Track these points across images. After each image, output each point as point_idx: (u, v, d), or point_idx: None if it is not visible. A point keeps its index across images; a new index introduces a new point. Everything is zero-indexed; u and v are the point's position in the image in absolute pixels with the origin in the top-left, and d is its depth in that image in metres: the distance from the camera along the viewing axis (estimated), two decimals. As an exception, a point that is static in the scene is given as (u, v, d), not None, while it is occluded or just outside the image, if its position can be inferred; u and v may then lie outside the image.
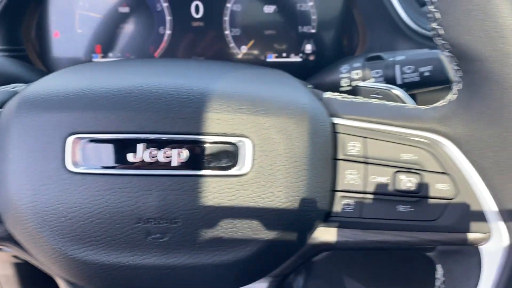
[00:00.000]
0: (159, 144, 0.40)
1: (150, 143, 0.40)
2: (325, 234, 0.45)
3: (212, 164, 0.40)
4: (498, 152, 0.41)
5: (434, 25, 0.42)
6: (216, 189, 0.40)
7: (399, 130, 0.44)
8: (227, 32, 0.80)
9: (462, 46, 0.41)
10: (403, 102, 0.49)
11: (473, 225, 0.43)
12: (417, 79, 0.56)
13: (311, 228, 0.43)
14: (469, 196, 0.43)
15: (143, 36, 0.80)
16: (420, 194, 0.43)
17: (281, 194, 0.41)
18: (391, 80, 0.57)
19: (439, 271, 0.46)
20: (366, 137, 0.44)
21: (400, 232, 0.44)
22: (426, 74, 0.55)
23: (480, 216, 0.43)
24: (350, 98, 0.47)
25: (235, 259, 0.41)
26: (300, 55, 0.82)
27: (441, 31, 0.41)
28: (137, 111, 0.40)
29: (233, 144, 0.40)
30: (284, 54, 0.82)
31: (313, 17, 0.81)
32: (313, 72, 0.75)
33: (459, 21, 0.40)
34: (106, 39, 0.79)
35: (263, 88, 0.44)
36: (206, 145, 0.40)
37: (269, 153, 0.41)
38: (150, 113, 0.40)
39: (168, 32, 0.79)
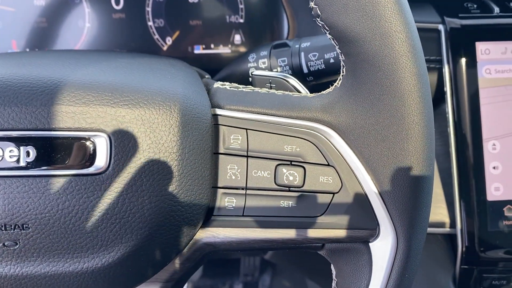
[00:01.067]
0: (4, 142, 0.36)
1: (-6, 141, 0.36)
2: (208, 235, 0.41)
3: (66, 163, 0.37)
4: (381, 140, 0.38)
5: (311, 4, 0.39)
6: (70, 190, 0.36)
7: (281, 120, 0.41)
8: (150, 23, 0.77)
9: (340, 26, 0.38)
10: (298, 91, 0.45)
11: (360, 220, 0.40)
12: (322, 66, 0.52)
13: (190, 229, 0.40)
14: (354, 189, 0.40)
15: (62, 30, 0.76)
16: (303, 188, 0.40)
17: (147, 194, 0.37)
18: (297, 69, 0.54)
19: (333, 270, 0.43)
20: (248, 129, 0.41)
21: (284, 230, 0.41)
22: (331, 61, 0.51)
23: (367, 211, 0.40)
24: (240, 88, 0.44)
25: (98, 265, 0.38)
26: (229, 46, 0.79)
27: (318, 11, 0.38)
28: None
29: (89, 139, 0.37)
30: (212, 45, 0.79)
31: (241, 6, 0.77)
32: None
33: (334, 0, 0.37)
34: (22, 34, 0.75)
35: (132, 78, 0.40)
36: (58, 142, 0.36)
37: (131, 149, 0.37)
38: None
39: (87, 25, 0.75)
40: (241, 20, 0.78)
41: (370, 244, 0.40)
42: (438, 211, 0.63)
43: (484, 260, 0.60)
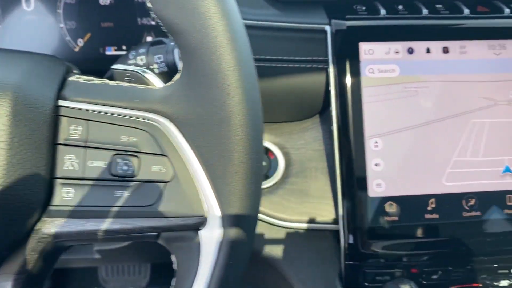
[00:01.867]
0: None
1: None
2: (47, 225, 0.42)
3: None
4: (208, 130, 0.39)
5: None
6: None
7: (121, 111, 0.42)
8: (61, 25, 0.77)
9: (167, 20, 0.39)
10: (153, 85, 0.46)
11: (190, 208, 0.41)
12: (194, 63, 0.53)
13: (25, 220, 0.40)
14: (185, 178, 0.41)
15: (-26, 31, 0.76)
16: (137, 178, 0.41)
17: None
18: (172, 65, 0.55)
19: (173, 260, 0.44)
20: (89, 120, 0.42)
21: (120, 220, 0.41)
22: (201, 57, 0.53)
23: (196, 199, 0.40)
24: (94, 80, 0.45)
25: None
26: (141, 47, 0.80)
27: (149, 5, 0.39)
28: None
29: None
30: (124, 47, 0.80)
31: (152, 8, 0.79)
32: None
33: None
34: None
35: None
36: None
37: None
38: None
39: (-2, 26, 0.76)
40: (153, 22, 0.79)
41: (199, 231, 0.41)
42: (325, 208, 0.64)
43: (366, 256, 0.60)
